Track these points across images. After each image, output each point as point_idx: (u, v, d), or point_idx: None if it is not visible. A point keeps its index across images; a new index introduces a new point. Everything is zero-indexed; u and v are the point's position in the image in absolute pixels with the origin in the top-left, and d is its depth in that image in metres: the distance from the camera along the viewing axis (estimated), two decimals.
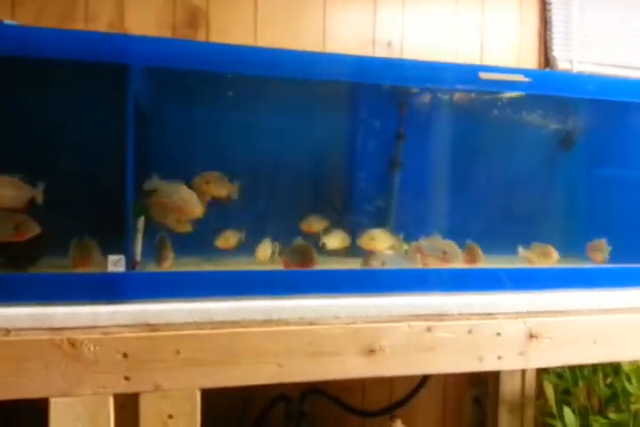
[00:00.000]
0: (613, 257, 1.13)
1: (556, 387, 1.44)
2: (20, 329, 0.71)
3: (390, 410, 1.36)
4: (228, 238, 0.96)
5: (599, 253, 1.16)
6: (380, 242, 1.02)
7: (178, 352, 0.74)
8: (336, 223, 1.10)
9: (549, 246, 1.13)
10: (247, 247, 1.00)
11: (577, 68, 1.59)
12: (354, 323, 0.84)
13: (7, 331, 0.71)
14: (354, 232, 1.07)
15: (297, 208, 1.06)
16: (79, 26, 1.27)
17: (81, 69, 0.77)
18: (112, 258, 0.75)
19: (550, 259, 1.13)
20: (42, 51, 0.73)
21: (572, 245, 1.19)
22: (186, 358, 0.75)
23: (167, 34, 1.30)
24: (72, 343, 0.71)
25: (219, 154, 1.00)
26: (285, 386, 1.30)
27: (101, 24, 1.28)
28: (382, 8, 1.47)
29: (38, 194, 0.79)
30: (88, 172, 0.84)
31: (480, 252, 1.07)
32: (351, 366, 0.83)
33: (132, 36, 0.91)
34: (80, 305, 0.73)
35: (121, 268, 0.75)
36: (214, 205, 0.95)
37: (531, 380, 1.51)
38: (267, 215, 1.05)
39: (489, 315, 0.92)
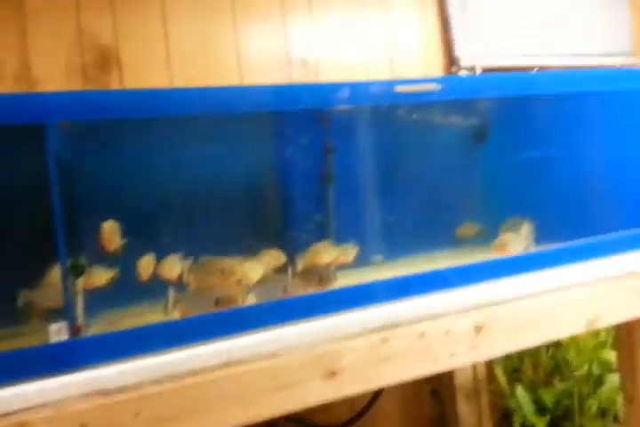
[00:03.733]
0: None
1: (505, 367, 1.53)
2: None
3: (356, 420, 1.38)
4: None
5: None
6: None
7: (137, 415, 0.71)
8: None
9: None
10: None
11: (480, 62, 1.67)
12: (312, 348, 0.85)
13: None
14: (293, 250, 1.08)
15: (237, 238, 1.04)
16: None
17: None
18: (53, 327, 0.70)
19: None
20: None
21: None
22: (146, 419, 0.71)
23: (78, 78, 1.23)
24: None
25: (152, 194, 0.98)
26: None
27: (7, 74, 1.18)
28: (292, 28, 1.47)
29: None
30: (19, 234, 0.79)
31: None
32: (316, 392, 0.84)
33: (46, 94, 0.86)
34: (26, 383, 0.69)
35: (64, 336, 0.71)
36: None
37: (481, 366, 1.58)
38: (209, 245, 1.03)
39: (436, 315, 0.96)
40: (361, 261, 1.15)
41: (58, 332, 0.70)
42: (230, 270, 0.92)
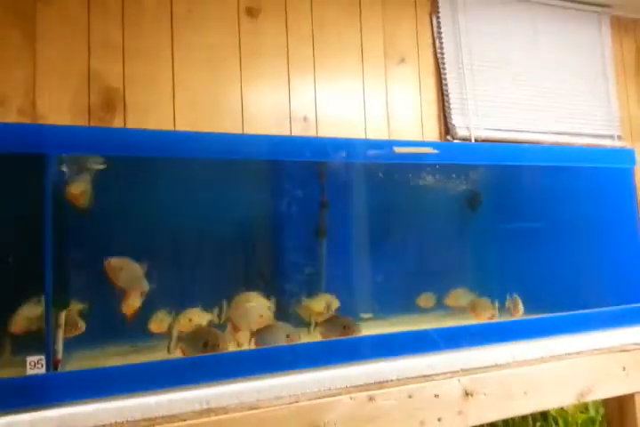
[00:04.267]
0: None
1: None
2: None
3: None
4: (162, 321, 0.91)
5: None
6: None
7: None
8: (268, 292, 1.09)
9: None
10: None
11: (474, 133, 1.76)
12: (296, 401, 0.82)
13: None
14: (285, 300, 1.07)
15: (231, 282, 1.04)
16: None
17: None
18: (31, 359, 0.68)
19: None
20: None
21: None
22: None
23: (83, 117, 1.28)
24: None
25: (148, 234, 0.98)
26: None
27: (11, 109, 1.23)
28: (295, 86, 1.55)
29: None
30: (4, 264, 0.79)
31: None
32: None
33: (48, 127, 0.89)
34: None
35: (41, 369, 0.69)
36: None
37: None
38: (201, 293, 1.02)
39: (425, 377, 0.93)
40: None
41: (35, 364, 0.68)
42: (268, 314, 0.95)
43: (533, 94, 1.91)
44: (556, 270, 1.30)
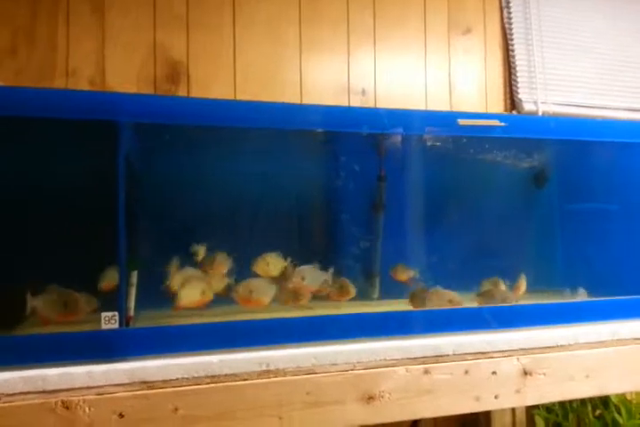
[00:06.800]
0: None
1: (546, 421, 1.44)
2: (11, 395, 0.68)
3: None
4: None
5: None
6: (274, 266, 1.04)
7: (176, 410, 0.72)
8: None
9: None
10: None
11: (541, 108, 1.68)
12: (352, 369, 0.83)
13: None
14: (341, 274, 1.08)
15: (287, 254, 1.06)
16: (60, 82, 1.27)
17: (72, 127, 0.78)
18: (105, 315, 0.73)
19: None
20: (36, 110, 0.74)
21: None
22: (184, 416, 0.72)
23: (149, 89, 1.33)
24: (67, 406, 0.68)
25: (209, 203, 1.01)
26: None
27: (82, 80, 1.29)
28: (355, 58, 1.53)
29: None
30: (80, 227, 0.84)
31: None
32: (351, 414, 0.81)
33: (122, 94, 0.92)
34: (74, 365, 0.71)
35: (115, 325, 0.73)
36: None
37: (521, 415, 1.50)
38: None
39: (483, 354, 0.92)
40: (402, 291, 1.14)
41: (109, 320, 0.72)
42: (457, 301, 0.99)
43: (607, 68, 1.80)
44: (629, 252, 1.24)
